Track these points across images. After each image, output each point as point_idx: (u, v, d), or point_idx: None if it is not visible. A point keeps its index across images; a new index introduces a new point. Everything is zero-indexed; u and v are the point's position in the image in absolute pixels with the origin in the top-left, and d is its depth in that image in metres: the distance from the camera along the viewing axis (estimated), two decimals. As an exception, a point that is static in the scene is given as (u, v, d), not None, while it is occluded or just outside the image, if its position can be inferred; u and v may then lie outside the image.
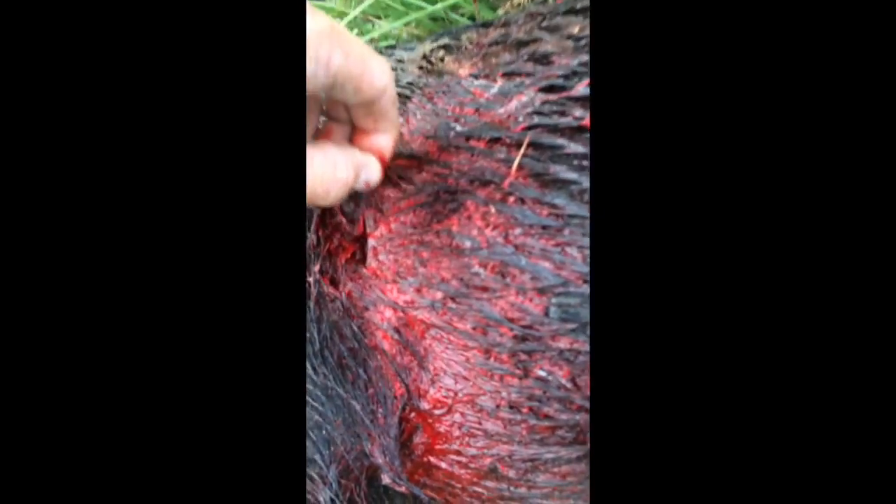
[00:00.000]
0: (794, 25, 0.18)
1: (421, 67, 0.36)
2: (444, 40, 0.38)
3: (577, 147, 0.24)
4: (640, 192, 0.19)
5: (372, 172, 0.26)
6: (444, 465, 0.28)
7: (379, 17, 0.61)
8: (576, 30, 0.28)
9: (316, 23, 0.21)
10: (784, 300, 0.17)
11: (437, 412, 0.28)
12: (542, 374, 0.23)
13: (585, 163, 0.24)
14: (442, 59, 0.36)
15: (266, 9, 0.20)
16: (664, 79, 0.19)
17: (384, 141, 0.27)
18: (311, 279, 0.30)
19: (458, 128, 0.29)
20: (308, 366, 0.30)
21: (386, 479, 0.29)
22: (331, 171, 0.24)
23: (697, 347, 0.18)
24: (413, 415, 0.29)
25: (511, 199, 0.25)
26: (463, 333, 0.26)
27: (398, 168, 0.29)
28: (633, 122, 0.19)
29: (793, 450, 0.17)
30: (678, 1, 0.19)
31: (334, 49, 0.22)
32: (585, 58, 0.26)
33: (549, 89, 0.26)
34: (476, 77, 0.31)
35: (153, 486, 0.19)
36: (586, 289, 0.23)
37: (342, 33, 0.22)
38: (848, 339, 0.17)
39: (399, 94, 0.33)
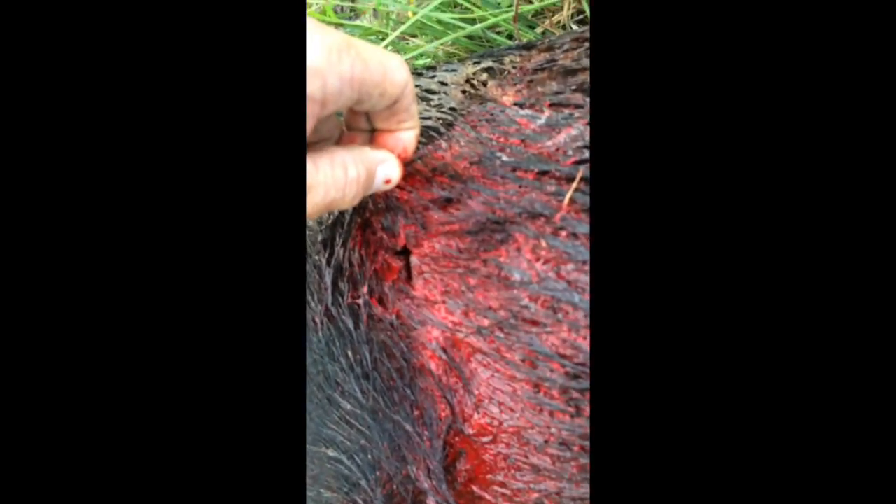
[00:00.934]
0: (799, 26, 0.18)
1: (464, 92, 0.36)
2: (487, 62, 0.38)
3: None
4: (641, 198, 0.18)
5: (391, 169, 0.26)
6: (487, 496, 0.28)
7: (415, 36, 0.62)
8: None
9: (328, 38, 0.21)
10: (793, 312, 0.17)
11: (481, 439, 0.27)
12: (595, 412, 0.23)
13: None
14: (485, 84, 0.35)
15: (265, 13, 0.20)
16: (667, 83, 0.18)
17: (408, 137, 0.27)
18: (360, 301, 0.30)
19: (504, 157, 0.29)
20: (356, 388, 0.30)
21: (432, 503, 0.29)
22: (341, 172, 0.24)
23: (696, 351, 0.17)
24: (457, 439, 0.28)
25: (563, 233, 0.24)
26: (510, 364, 0.25)
27: (441, 187, 0.29)
28: (635, 125, 0.18)
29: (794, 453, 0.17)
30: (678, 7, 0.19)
31: (355, 61, 0.21)
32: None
33: (601, 121, 0.26)
34: (521, 106, 0.31)
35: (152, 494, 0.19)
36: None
37: (355, 43, 0.22)
38: (848, 340, 0.17)
39: (441, 120, 0.33)
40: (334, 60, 0.21)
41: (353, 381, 0.30)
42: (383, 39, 0.56)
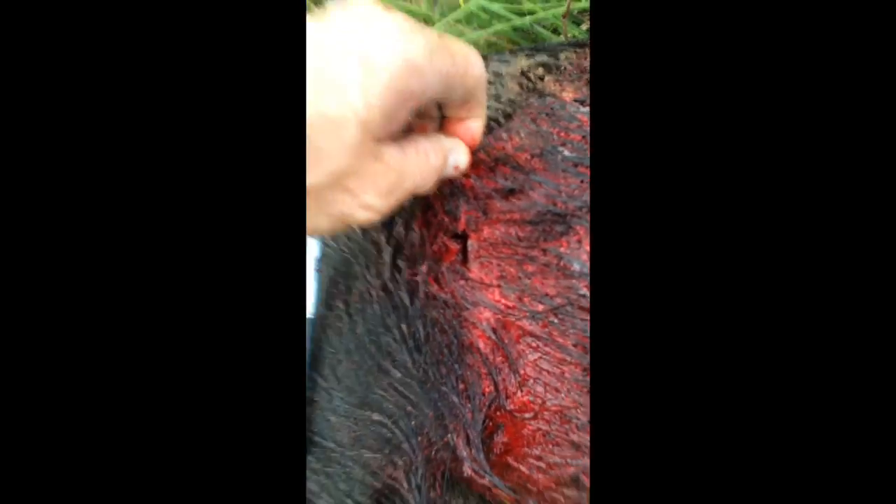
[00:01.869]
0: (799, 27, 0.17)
1: (520, 84, 0.37)
2: (541, 57, 0.38)
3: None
4: (641, 197, 0.18)
5: (460, 156, 0.27)
6: (523, 468, 0.29)
7: (458, 22, 0.61)
8: None
9: (427, 37, 0.21)
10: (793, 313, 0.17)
11: (522, 415, 0.29)
12: (644, 398, 0.25)
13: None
14: (542, 78, 0.36)
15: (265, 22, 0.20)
16: (666, 83, 0.18)
17: (476, 126, 0.28)
18: (418, 278, 0.31)
19: (566, 153, 0.30)
20: (408, 359, 0.31)
21: (467, 471, 0.31)
22: (424, 160, 0.25)
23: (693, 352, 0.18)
24: (498, 413, 0.30)
25: (625, 230, 0.25)
26: (562, 347, 0.27)
27: (504, 177, 0.30)
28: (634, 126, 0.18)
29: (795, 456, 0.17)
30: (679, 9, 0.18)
31: (445, 58, 0.22)
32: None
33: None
34: (582, 103, 0.32)
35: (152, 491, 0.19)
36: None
37: (446, 39, 0.23)
38: (849, 338, 0.16)
39: (500, 111, 0.34)
40: (434, 59, 0.22)
41: (406, 352, 0.31)
42: (429, 24, 0.56)
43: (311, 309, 0.34)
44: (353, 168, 0.21)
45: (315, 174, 0.20)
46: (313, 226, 0.22)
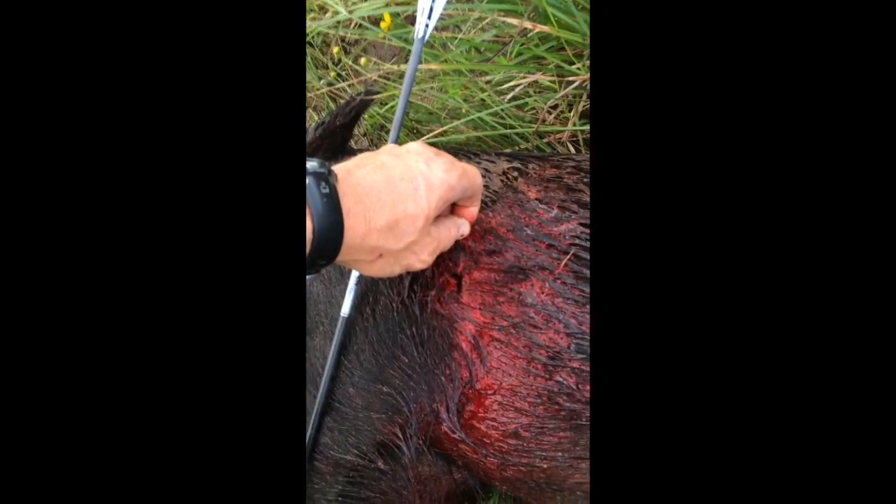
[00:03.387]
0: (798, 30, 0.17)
1: (502, 181, 0.54)
2: (515, 163, 0.56)
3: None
4: (641, 204, 0.20)
5: (465, 228, 0.44)
6: (482, 427, 0.44)
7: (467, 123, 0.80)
8: None
9: (460, 166, 0.38)
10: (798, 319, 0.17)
11: (486, 392, 0.44)
12: (560, 379, 0.40)
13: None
14: (516, 179, 0.54)
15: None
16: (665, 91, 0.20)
17: (474, 210, 0.45)
18: (427, 299, 0.46)
19: (528, 231, 0.47)
20: (414, 350, 0.46)
21: (445, 429, 0.45)
22: (447, 232, 0.41)
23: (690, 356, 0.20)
24: (469, 391, 0.45)
25: (558, 281, 0.42)
26: (516, 348, 0.43)
27: (489, 242, 0.47)
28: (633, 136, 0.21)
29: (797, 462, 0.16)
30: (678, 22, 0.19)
31: (464, 177, 0.39)
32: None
33: (586, 225, 0.45)
34: (540, 201, 0.49)
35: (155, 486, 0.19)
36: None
37: (464, 166, 0.39)
38: (847, 336, 0.16)
39: (489, 197, 0.51)
40: (460, 180, 0.38)
41: (413, 346, 0.46)
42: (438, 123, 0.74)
43: (346, 310, 0.48)
44: (417, 239, 0.36)
45: (398, 244, 0.35)
46: (389, 271, 0.37)
